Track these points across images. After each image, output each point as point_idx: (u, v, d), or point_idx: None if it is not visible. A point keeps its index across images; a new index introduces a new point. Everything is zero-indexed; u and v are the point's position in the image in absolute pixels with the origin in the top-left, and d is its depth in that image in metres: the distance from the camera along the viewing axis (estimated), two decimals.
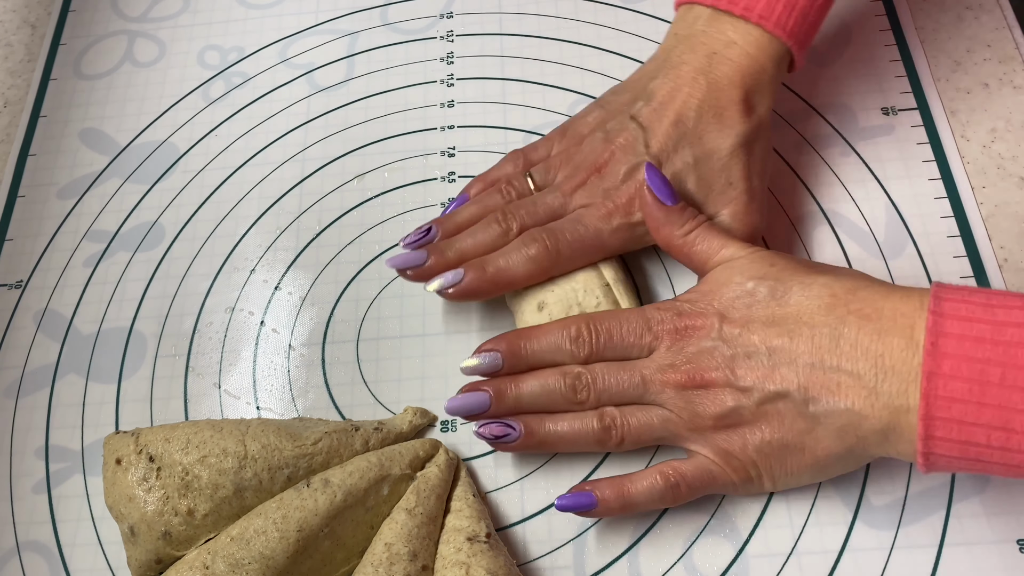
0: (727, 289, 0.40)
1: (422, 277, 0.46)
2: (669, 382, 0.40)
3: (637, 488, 0.40)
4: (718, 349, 0.39)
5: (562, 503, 0.40)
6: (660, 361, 0.40)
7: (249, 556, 0.39)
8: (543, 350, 0.42)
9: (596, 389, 0.41)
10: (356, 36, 0.60)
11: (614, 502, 0.40)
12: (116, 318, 0.50)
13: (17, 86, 0.60)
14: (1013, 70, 0.53)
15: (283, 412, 0.47)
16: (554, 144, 0.49)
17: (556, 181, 0.47)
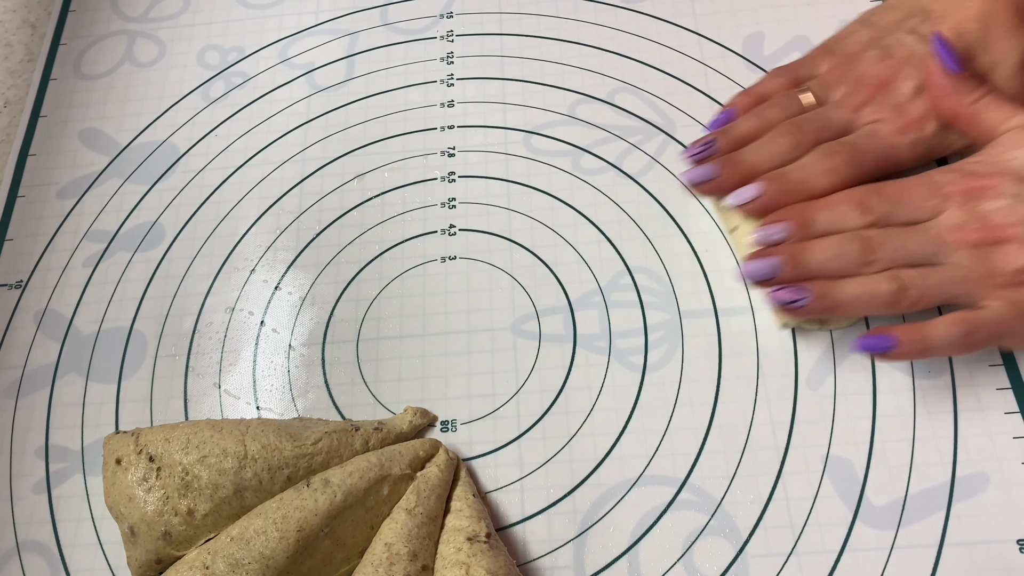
0: (1018, 152, 0.41)
1: (717, 190, 0.46)
2: (963, 241, 0.40)
3: (936, 332, 0.40)
4: (1012, 207, 0.40)
5: (863, 344, 0.40)
6: (951, 220, 0.41)
7: (249, 556, 0.39)
8: (831, 219, 0.43)
9: (887, 251, 0.41)
10: (356, 36, 0.60)
11: (913, 345, 0.40)
12: (116, 318, 0.50)
13: (17, 86, 0.60)
14: None
15: (283, 412, 0.47)
16: (821, 62, 0.49)
17: (837, 98, 0.47)
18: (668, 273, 0.49)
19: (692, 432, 0.44)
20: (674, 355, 0.46)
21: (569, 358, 0.47)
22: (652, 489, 0.43)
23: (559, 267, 0.50)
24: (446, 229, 0.51)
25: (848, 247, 0.42)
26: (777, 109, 0.48)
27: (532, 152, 0.53)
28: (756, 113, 0.48)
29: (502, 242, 0.51)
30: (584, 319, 0.48)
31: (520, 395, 0.46)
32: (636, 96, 0.55)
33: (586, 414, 0.45)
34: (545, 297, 0.49)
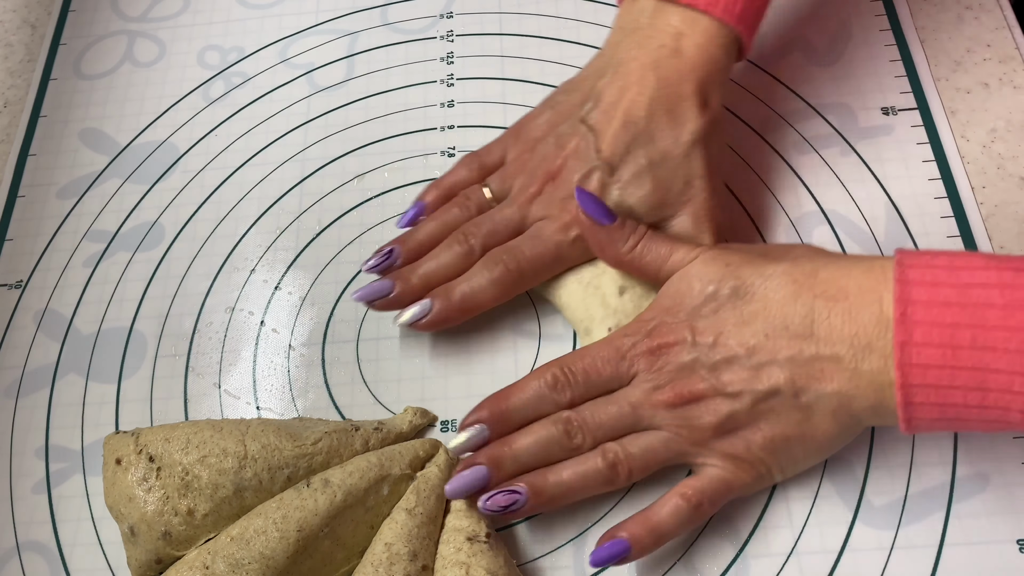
0: (688, 298, 0.40)
1: (390, 307, 0.46)
2: (659, 403, 0.40)
3: (662, 517, 0.39)
4: (698, 361, 0.39)
5: (597, 558, 0.39)
6: (644, 385, 0.40)
7: (249, 556, 0.39)
8: (526, 406, 0.41)
9: (590, 428, 0.40)
10: (356, 36, 0.60)
11: (646, 538, 0.39)
12: (116, 318, 0.50)
13: (17, 86, 0.60)
14: (1013, 70, 0.53)
15: (283, 412, 0.47)
16: (508, 148, 0.49)
17: (513, 192, 0.47)
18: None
19: None
20: None
21: None
22: (652, 489, 0.43)
23: None
24: None
25: (550, 432, 0.40)
26: (458, 210, 0.47)
27: None
28: (437, 215, 0.48)
29: None
30: None
31: None
32: None
33: None
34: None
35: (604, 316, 0.44)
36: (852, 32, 0.56)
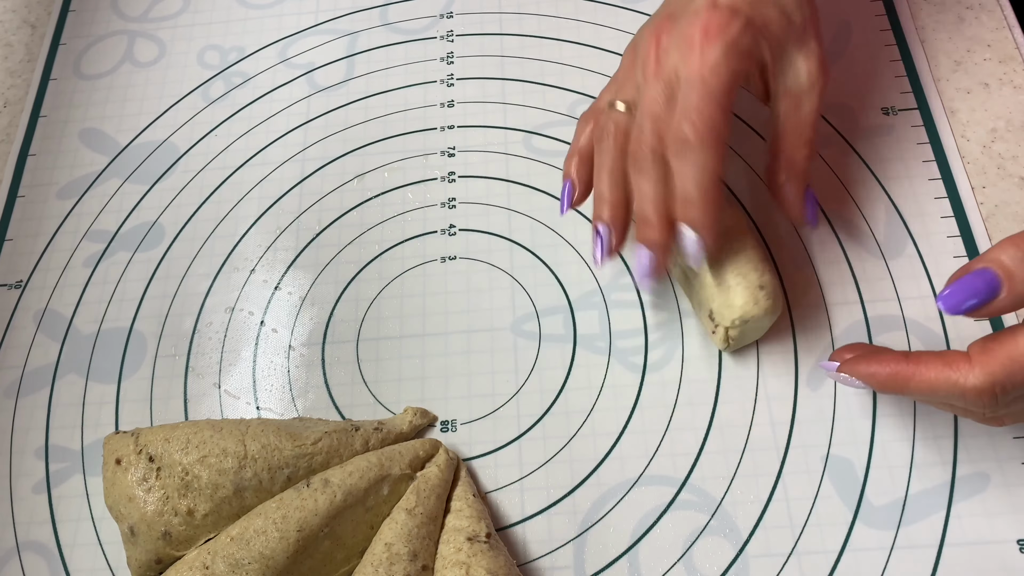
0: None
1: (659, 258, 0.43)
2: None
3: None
4: None
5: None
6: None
7: (249, 556, 0.39)
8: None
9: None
10: (356, 36, 0.60)
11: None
12: (116, 318, 0.50)
13: (17, 86, 0.60)
14: (1013, 70, 0.53)
15: (283, 412, 0.47)
16: (610, 89, 0.46)
17: (640, 85, 0.43)
18: (668, 273, 0.49)
19: (692, 432, 0.44)
20: (674, 355, 0.46)
21: (569, 358, 0.47)
22: (652, 489, 0.43)
23: (559, 267, 0.50)
24: (446, 229, 0.52)
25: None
26: (609, 143, 0.43)
27: (532, 152, 0.53)
28: (599, 167, 0.44)
29: (502, 242, 0.51)
30: (584, 319, 0.48)
31: (520, 395, 0.46)
32: None
33: (586, 414, 0.45)
34: (545, 297, 0.49)
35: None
36: (852, 32, 0.56)
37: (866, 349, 0.40)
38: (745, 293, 0.43)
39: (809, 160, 0.44)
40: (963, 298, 0.35)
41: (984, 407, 0.35)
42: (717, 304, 0.43)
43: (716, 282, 0.43)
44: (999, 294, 0.34)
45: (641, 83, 0.43)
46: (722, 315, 0.43)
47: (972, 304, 0.34)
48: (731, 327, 0.43)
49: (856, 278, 0.48)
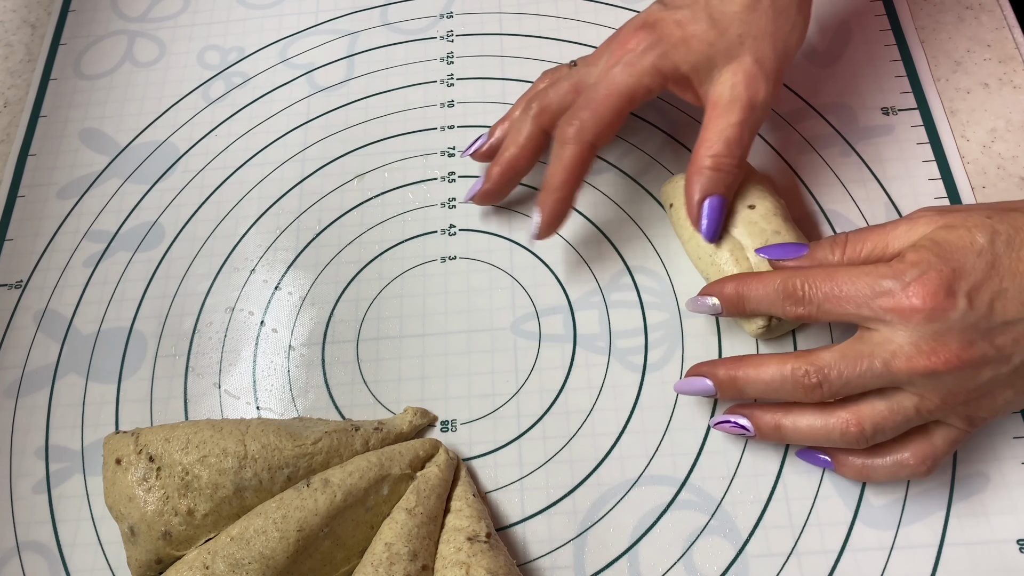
0: (958, 251, 0.36)
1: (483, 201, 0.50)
2: (919, 367, 0.36)
3: (888, 478, 0.40)
4: (973, 326, 0.36)
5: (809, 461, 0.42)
6: (902, 343, 0.36)
7: (249, 556, 0.39)
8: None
9: (832, 383, 0.37)
10: (356, 36, 0.60)
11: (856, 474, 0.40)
12: (116, 318, 0.50)
13: (17, 86, 0.60)
14: (1013, 70, 0.53)
15: (283, 412, 0.47)
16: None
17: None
18: (668, 273, 0.49)
19: (692, 432, 0.44)
20: (674, 355, 0.46)
21: (569, 358, 0.47)
22: (652, 489, 0.43)
23: (559, 267, 0.50)
24: (446, 229, 0.52)
25: (784, 374, 0.39)
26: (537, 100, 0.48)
27: None
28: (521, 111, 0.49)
29: (502, 242, 0.51)
30: (584, 319, 0.48)
31: (520, 395, 0.46)
32: None
33: (586, 414, 0.45)
34: (545, 297, 0.49)
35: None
36: (852, 32, 0.56)
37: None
38: None
39: (716, 171, 0.44)
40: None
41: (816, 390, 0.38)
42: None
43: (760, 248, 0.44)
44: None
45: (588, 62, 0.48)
46: None
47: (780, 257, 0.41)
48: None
49: None
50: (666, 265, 0.49)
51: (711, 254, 0.45)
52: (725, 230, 0.45)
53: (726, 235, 0.45)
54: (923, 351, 0.36)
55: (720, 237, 0.45)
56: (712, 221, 0.44)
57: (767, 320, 0.43)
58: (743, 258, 0.45)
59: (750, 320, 0.44)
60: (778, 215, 0.45)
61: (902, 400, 0.37)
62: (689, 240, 0.46)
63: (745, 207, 0.45)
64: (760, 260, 0.44)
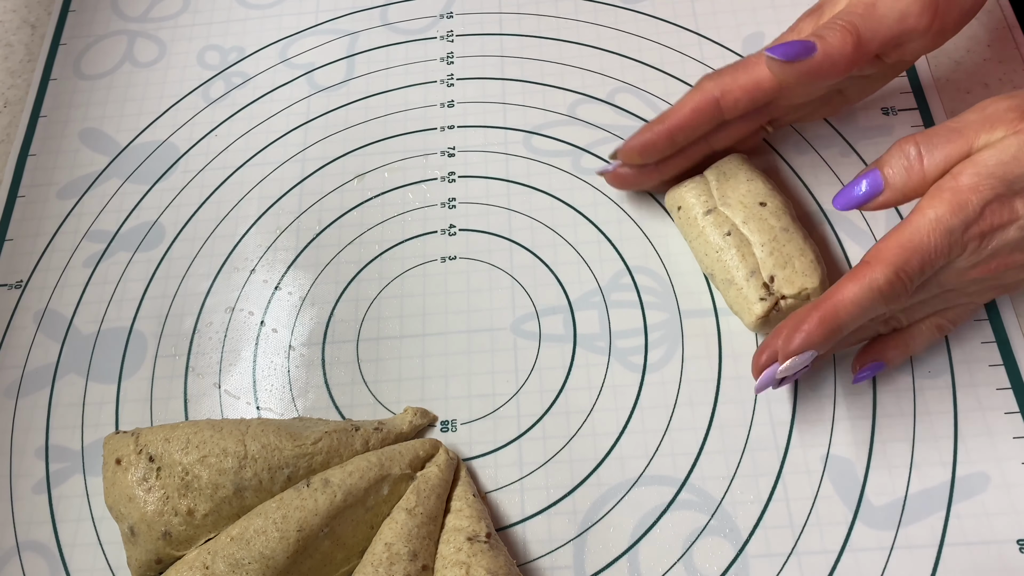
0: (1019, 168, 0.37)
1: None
2: (971, 278, 0.40)
3: (918, 344, 0.43)
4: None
5: (860, 377, 0.43)
6: (962, 265, 0.39)
7: (249, 556, 0.39)
8: (856, 321, 0.39)
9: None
10: (356, 36, 0.60)
11: (900, 360, 0.44)
12: (116, 318, 0.50)
13: (17, 86, 0.60)
14: (1013, 70, 0.53)
15: (283, 412, 0.47)
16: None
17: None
18: (668, 273, 0.49)
19: (692, 432, 0.44)
20: (674, 355, 0.46)
21: (569, 358, 0.47)
22: (652, 489, 0.43)
23: (559, 267, 0.50)
24: (446, 229, 0.52)
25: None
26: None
27: (532, 152, 0.53)
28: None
29: (502, 242, 0.51)
30: (584, 319, 0.48)
31: (520, 395, 0.46)
32: (636, 96, 0.55)
33: (586, 414, 0.45)
34: (545, 297, 0.49)
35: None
36: None
37: (775, 333, 0.40)
38: (815, 264, 0.44)
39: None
40: (851, 197, 0.40)
41: (899, 300, 0.39)
42: (785, 273, 0.44)
43: (772, 247, 0.45)
44: (880, 194, 0.40)
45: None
46: (790, 283, 0.44)
47: (860, 200, 0.40)
48: (794, 297, 0.44)
49: None
50: (666, 265, 0.49)
51: (718, 251, 0.46)
52: (734, 226, 0.46)
53: (734, 231, 0.46)
54: (977, 265, 0.39)
55: (729, 235, 0.46)
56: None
57: (770, 307, 0.44)
58: (749, 255, 0.45)
59: (749, 311, 0.45)
60: (787, 213, 0.46)
61: (960, 310, 0.43)
62: (696, 238, 0.47)
63: (756, 204, 0.46)
64: (766, 256, 0.44)
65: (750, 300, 0.44)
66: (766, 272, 0.44)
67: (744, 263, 0.45)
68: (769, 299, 0.44)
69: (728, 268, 0.45)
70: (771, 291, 0.44)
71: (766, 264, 0.45)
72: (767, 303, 0.44)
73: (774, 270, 0.44)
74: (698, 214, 0.47)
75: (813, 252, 0.45)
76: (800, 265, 0.44)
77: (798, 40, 0.41)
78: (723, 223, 0.46)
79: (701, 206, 0.47)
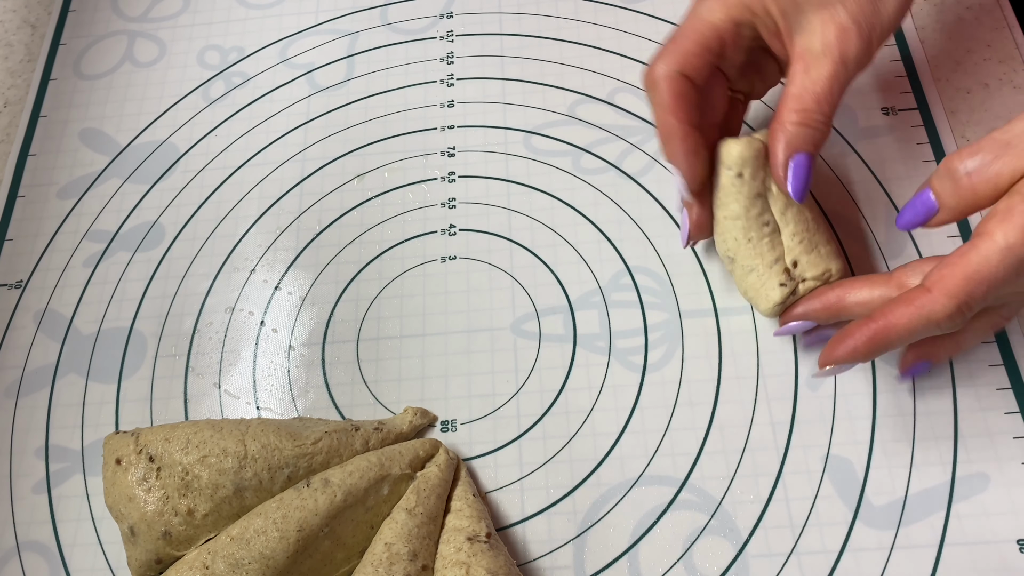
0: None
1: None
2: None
3: (970, 344, 0.42)
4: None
5: (911, 373, 0.43)
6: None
7: (249, 556, 0.39)
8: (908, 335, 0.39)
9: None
10: (356, 36, 0.60)
11: (945, 359, 0.42)
12: (116, 318, 0.50)
13: (17, 86, 0.60)
14: (1013, 70, 0.53)
15: (283, 412, 0.47)
16: None
17: None
18: (668, 273, 0.49)
19: (692, 432, 0.44)
20: (674, 355, 0.46)
21: (569, 358, 0.47)
22: (652, 489, 0.43)
23: (559, 267, 0.50)
24: (446, 229, 0.52)
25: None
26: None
27: (532, 152, 0.53)
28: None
29: (502, 242, 0.51)
30: (584, 319, 0.48)
31: (520, 395, 0.46)
32: (636, 96, 0.55)
33: (586, 414, 0.45)
34: (545, 297, 0.49)
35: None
36: None
37: (815, 298, 0.42)
38: (839, 251, 0.45)
39: (802, 127, 0.41)
40: (911, 218, 0.39)
41: (957, 326, 0.37)
42: (809, 258, 0.44)
43: (803, 236, 0.44)
44: (935, 215, 0.38)
45: None
46: (814, 266, 0.43)
47: (917, 221, 0.39)
48: (816, 279, 0.43)
49: None
50: (666, 265, 0.49)
51: (749, 240, 0.44)
52: (773, 218, 0.44)
53: (772, 222, 0.44)
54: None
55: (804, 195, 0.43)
56: (799, 180, 0.41)
57: (788, 293, 0.44)
58: (779, 243, 0.44)
59: (767, 297, 0.44)
60: (818, 215, 0.45)
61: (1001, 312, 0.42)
62: (734, 219, 0.44)
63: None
64: (795, 244, 0.43)
65: (769, 286, 0.43)
66: (790, 257, 0.44)
67: (772, 251, 0.44)
68: (789, 284, 0.43)
69: (754, 256, 0.44)
70: (792, 276, 0.43)
71: (793, 251, 0.44)
72: (786, 288, 0.43)
73: (799, 256, 0.44)
74: (752, 194, 0.43)
75: (836, 241, 0.45)
76: (825, 251, 0.44)
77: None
78: (765, 212, 0.43)
79: (758, 186, 0.43)
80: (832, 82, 0.41)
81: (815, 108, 0.41)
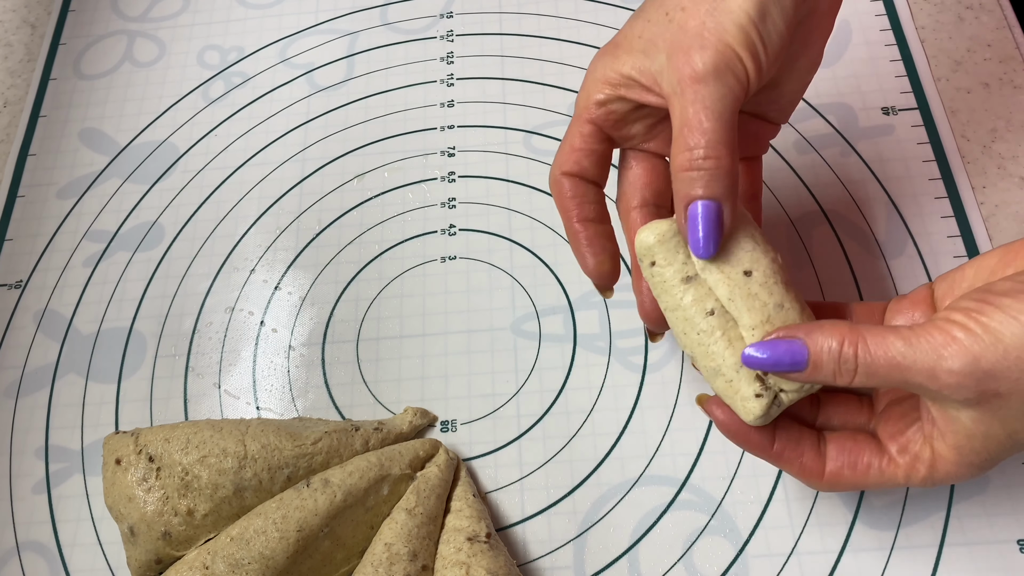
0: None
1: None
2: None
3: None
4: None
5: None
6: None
7: (249, 556, 0.39)
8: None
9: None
10: (356, 36, 0.60)
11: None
12: (116, 318, 0.50)
13: (17, 86, 0.60)
14: (1013, 70, 0.53)
15: (283, 412, 0.47)
16: None
17: None
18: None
19: (692, 432, 0.44)
20: (674, 355, 0.46)
21: (569, 358, 0.47)
22: (652, 489, 0.43)
23: (559, 267, 0.50)
24: (446, 229, 0.52)
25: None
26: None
27: (532, 152, 0.53)
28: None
29: (502, 242, 0.51)
30: (584, 319, 0.48)
31: (520, 395, 0.46)
32: None
33: (586, 414, 0.45)
34: (545, 297, 0.49)
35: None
36: (852, 32, 0.56)
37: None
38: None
39: (690, 172, 0.35)
40: (769, 361, 0.34)
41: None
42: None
43: (762, 329, 0.35)
44: (802, 370, 0.34)
45: None
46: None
47: (775, 369, 0.34)
48: (795, 391, 0.35)
49: (856, 278, 0.48)
50: None
51: (699, 333, 0.35)
52: (718, 303, 0.35)
53: (719, 309, 0.35)
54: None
55: (715, 253, 0.35)
56: (695, 231, 0.35)
57: (768, 404, 0.35)
58: (736, 338, 0.35)
59: (745, 409, 0.35)
60: (779, 281, 0.35)
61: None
62: (673, 311, 0.36)
63: (740, 273, 0.35)
64: (756, 337, 0.35)
65: (744, 395, 0.35)
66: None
67: (732, 350, 0.35)
68: (767, 394, 0.35)
69: (713, 356, 0.35)
70: (767, 384, 0.35)
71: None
72: (764, 400, 0.35)
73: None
74: (675, 281, 0.36)
75: (809, 309, 0.36)
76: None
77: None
78: (705, 297, 0.35)
79: (679, 269, 0.36)
80: (694, 109, 0.35)
81: (690, 145, 0.35)
